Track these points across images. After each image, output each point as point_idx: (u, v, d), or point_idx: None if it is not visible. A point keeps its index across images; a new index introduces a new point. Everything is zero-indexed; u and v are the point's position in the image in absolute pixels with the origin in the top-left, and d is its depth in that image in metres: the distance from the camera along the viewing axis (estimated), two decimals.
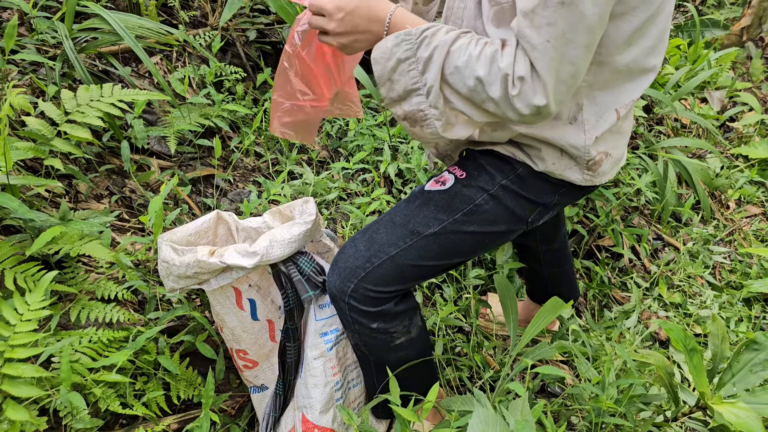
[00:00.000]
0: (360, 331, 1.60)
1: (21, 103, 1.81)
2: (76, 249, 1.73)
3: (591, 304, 2.74)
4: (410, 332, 1.65)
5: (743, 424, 1.51)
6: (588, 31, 1.17)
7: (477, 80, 1.24)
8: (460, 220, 1.52)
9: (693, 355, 1.67)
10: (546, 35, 1.16)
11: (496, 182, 1.52)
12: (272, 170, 2.82)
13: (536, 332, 1.81)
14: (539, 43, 1.17)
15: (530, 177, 1.52)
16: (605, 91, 1.40)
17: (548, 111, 1.23)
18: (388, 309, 1.57)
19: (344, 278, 1.54)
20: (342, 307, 1.58)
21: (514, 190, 1.52)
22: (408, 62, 1.29)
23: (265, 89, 3.09)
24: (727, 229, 3.36)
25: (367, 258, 1.53)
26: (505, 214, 1.54)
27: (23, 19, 2.55)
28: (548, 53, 1.17)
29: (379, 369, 1.72)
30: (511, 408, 1.44)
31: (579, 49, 1.18)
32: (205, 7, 3.14)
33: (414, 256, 1.52)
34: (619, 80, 1.39)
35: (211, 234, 1.73)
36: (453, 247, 1.55)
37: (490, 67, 1.22)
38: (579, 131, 1.42)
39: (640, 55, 1.35)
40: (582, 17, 1.14)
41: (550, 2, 1.13)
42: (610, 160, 1.52)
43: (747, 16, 4.49)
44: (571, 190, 1.57)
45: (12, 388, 1.38)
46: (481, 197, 1.52)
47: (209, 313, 2.06)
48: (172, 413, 1.84)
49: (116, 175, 2.38)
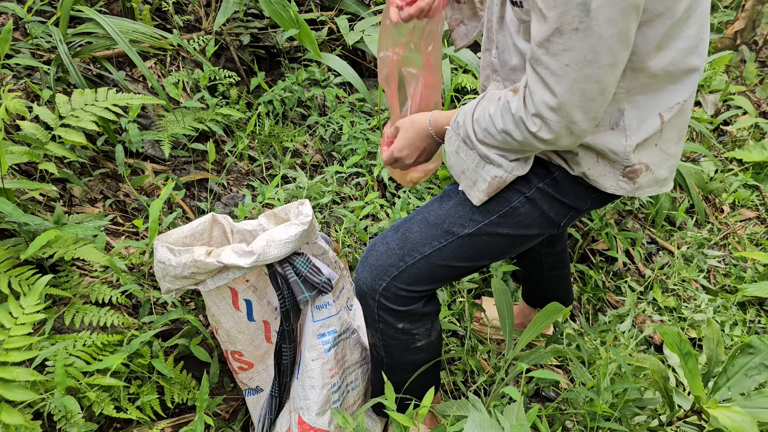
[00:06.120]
0: (384, 330, 1.61)
1: (16, 107, 1.81)
2: (70, 253, 1.72)
3: (585, 308, 2.74)
4: (430, 336, 1.67)
5: (739, 428, 1.50)
6: (609, 51, 1.15)
7: (503, 133, 1.33)
8: (496, 222, 1.51)
9: (688, 359, 1.67)
10: (565, 60, 1.17)
11: (532, 185, 1.50)
12: (266, 174, 2.82)
13: (533, 336, 1.81)
14: (558, 68, 1.18)
15: (566, 181, 1.50)
16: (647, 95, 1.35)
17: (581, 129, 1.26)
18: (416, 309, 1.58)
19: (376, 276, 1.54)
20: (370, 304, 1.58)
21: (550, 194, 1.50)
22: (462, 150, 1.44)
23: (258, 93, 3.09)
24: (721, 232, 3.37)
25: (401, 257, 1.53)
26: (540, 217, 1.53)
27: (18, 24, 2.55)
28: (569, 76, 1.18)
29: (390, 370, 1.73)
30: (506, 412, 1.44)
31: (602, 68, 1.17)
32: (199, 12, 3.14)
33: (447, 257, 1.52)
34: (659, 83, 1.34)
35: (207, 236, 1.72)
36: (485, 249, 1.55)
37: (505, 116, 1.30)
38: (620, 136, 1.38)
39: (678, 56, 1.30)
40: (600, 39, 1.13)
41: (565, 29, 1.13)
42: (649, 176, 1.46)
43: (740, 20, 4.51)
44: (602, 195, 1.54)
45: (6, 392, 1.38)
46: (518, 200, 1.50)
47: (203, 317, 2.06)
48: (167, 417, 1.83)
49: (110, 179, 2.38)
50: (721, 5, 5.02)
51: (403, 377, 1.75)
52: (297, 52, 3.34)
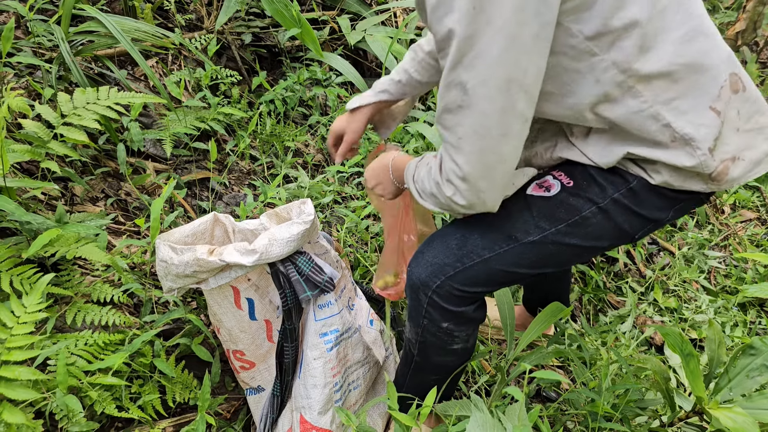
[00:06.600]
0: (426, 327, 1.59)
1: (18, 105, 1.81)
2: (72, 252, 1.72)
3: (586, 309, 2.74)
4: (468, 341, 1.64)
5: (740, 429, 1.50)
6: (497, 125, 1.19)
7: (432, 196, 1.40)
8: (563, 231, 1.42)
9: (689, 360, 1.67)
10: (458, 135, 1.23)
11: (607, 195, 1.39)
12: (267, 174, 2.82)
13: (534, 336, 1.81)
14: (454, 141, 1.24)
15: (644, 191, 1.37)
16: (681, 97, 1.25)
17: (491, 198, 1.32)
18: (466, 312, 1.55)
19: (431, 273, 1.51)
20: (421, 299, 1.55)
21: (626, 205, 1.39)
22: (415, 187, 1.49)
23: (260, 92, 3.09)
24: (722, 233, 3.37)
25: (459, 257, 1.49)
26: (613, 229, 1.42)
27: (20, 22, 2.55)
28: (465, 148, 1.23)
29: (418, 370, 1.73)
30: (508, 413, 1.44)
31: (496, 139, 1.21)
32: (201, 11, 3.14)
33: (508, 262, 1.46)
34: (682, 79, 1.23)
35: (208, 235, 1.72)
36: (549, 257, 1.47)
37: (431, 180, 1.38)
38: (687, 148, 1.27)
39: (678, 47, 1.21)
40: (484, 115, 1.18)
41: (451, 107, 1.21)
42: (741, 165, 1.32)
43: (742, 21, 4.50)
44: (689, 203, 1.42)
45: (8, 391, 1.37)
46: (589, 209, 1.40)
47: (205, 316, 2.06)
48: (168, 416, 1.83)
49: (112, 178, 2.38)
50: (722, 6, 5.02)
51: (429, 378, 1.74)
52: (299, 52, 3.34)
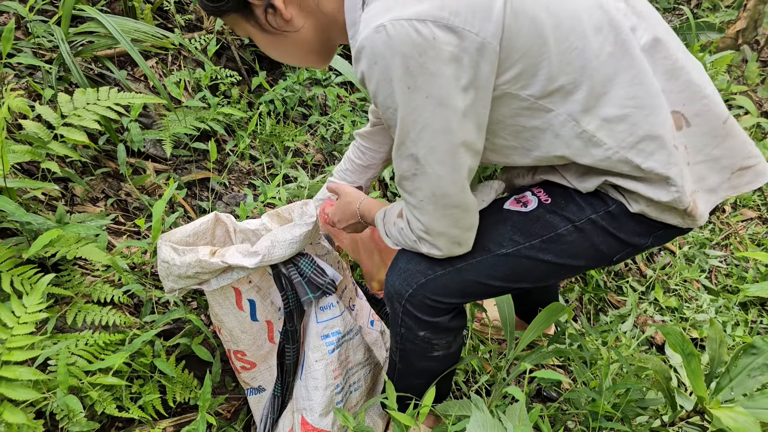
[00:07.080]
0: (404, 335, 1.58)
1: (18, 106, 1.81)
2: (72, 252, 1.72)
3: (587, 308, 2.74)
4: (450, 348, 1.63)
5: (742, 429, 1.50)
6: (453, 183, 1.25)
7: (411, 249, 1.46)
8: (537, 246, 1.41)
9: (690, 360, 1.67)
10: (419, 197, 1.29)
11: (584, 215, 1.38)
12: (267, 174, 2.82)
13: (534, 336, 1.81)
14: (416, 203, 1.31)
15: (623, 216, 1.36)
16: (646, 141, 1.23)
17: (466, 239, 1.39)
18: (441, 322, 1.53)
19: (404, 280, 1.49)
20: (396, 307, 1.55)
21: (604, 227, 1.37)
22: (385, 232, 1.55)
23: (259, 92, 3.09)
24: (723, 232, 3.37)
25: (430, 265, 1.46)
26: (589, 249, 1.41)
27: (20, 23, 2.55)
28: (427, 209, 1.30)
29: (402, 376, 1.73)
30: (509, 412, 1.43)
31: (456, 195, 1.27)
32: (201, 11, 3.13)
33: (480, 273, 1.45)
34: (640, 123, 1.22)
35: (209, 235, 1.72)
36: (523, 272, 1.45)
37: (405, 238, 1.43)
38: (662, 184, 1.26)
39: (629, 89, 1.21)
40: (439, 178, 1.24)
41: (407, 174, 1.27)
42: (701, 197, 1.33)
43: (742, 19, 4.51)
44: (670, 231, 1.40)
45: (9, 391, 1.37)
46: (565, 227, 1.39)
47: (205, 316, 2.06)
48: (168, 416, 1.83)
49: (112, 179, 2.38)
50: (723, 5, 5.02)
51: (414, 382, 1.74)
52: None
